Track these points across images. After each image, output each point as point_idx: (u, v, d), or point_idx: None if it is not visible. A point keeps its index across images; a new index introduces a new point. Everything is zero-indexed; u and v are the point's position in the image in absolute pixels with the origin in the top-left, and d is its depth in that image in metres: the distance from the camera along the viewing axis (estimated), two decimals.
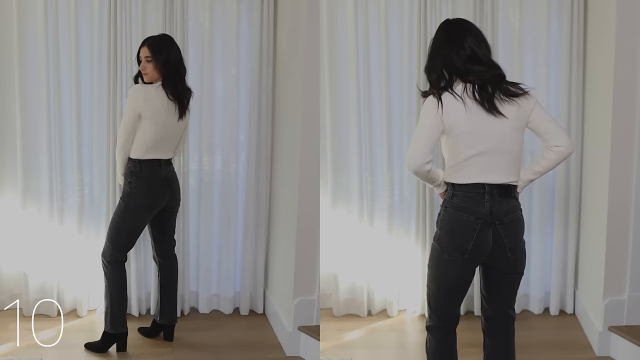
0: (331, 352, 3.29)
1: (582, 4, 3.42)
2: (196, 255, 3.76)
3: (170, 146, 3.14)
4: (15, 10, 3.36)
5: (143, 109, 2.95)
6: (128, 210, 3.07)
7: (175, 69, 3.02)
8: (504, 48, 3.49)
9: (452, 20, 2.34)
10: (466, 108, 2.18)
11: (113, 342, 3.19)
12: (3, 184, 3.58)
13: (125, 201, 3.07)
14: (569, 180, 3.56)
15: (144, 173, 3.05)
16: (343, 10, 3.51)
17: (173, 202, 3.24)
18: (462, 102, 2.18)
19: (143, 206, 3.09)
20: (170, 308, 3.30)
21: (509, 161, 2.23)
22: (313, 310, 3.23)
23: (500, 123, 2.19)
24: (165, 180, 3.13)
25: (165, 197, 3.15)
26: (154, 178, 3.08)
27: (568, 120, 3.50)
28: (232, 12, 3.55)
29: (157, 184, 3.10)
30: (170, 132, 3.07)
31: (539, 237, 3.64)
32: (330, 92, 3.54)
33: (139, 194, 3.06)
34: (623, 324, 3.20)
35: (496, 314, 2.40)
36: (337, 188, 3.64)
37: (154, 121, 2.98)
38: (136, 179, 3.05)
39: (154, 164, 3.07)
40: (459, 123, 2.18)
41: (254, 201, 3.69)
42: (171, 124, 3.05)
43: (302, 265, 3.19)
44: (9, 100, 3.49)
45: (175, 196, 3.22)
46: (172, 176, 3.19)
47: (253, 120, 3.64)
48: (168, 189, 3.15)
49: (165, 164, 3.13)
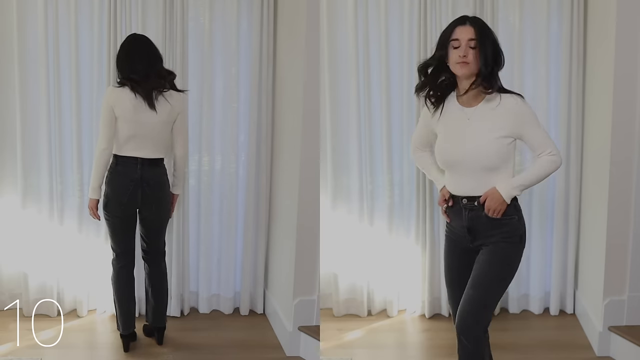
0: (331, 352, 3.29)
1: (582, 4, 3.42)
2: (196, 255, 3.75)
3: (150, 145, 3.03)
4: (15, 10, 3.36)
5: (114, 108, 2.96)
6: (103, 207, 3.08)
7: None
8: (504, 48, 3.41)
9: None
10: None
11: (124, 342, 3.23)
12: (3, 184, 3.58)
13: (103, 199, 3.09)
14: (569, 181, 3.56)
15: (117, 169, 3.03)
16: (343, 10, 3.51)
17: (149, 211, 3.11)
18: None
19: (111, 202, 3.05)
20: (154, 310, 3.28)
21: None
22: (313, 310, 3.22)
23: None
24: (139, 180, 3.03)
25: (135, 198, 3.04)
26: (124, 175, 3.02)
27: (568, 120, 3.50)
28: (232, 12, 3.55)
29: (126, 182, 3.02)
30: (144, 129, 2.99)
31: (539, 237, 3.65)
32: (330, 92, 3.54)
33: (107, 189, 3.05)
34: (623, 324, 3.19)
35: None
36: (337, 188, 3.64)
37: (124, 118, 2.97)
38: (110, 174, 3.04)
39: (129, 162, 3.02)
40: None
41: (254, 201, 3.69)
42: (143, 121, 2.98)
43: (302, 265, 3.19)
44: (9, 100, 3.49)
45: (148, 201, 3.06)
46: (149, 177, 3.05)
47: (253, 120, 3.63)
48: (139, 189, 3.03)
49: (146, 164, 3.03)
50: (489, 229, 2.32)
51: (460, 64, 2.26)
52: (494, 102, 2.30)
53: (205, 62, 3.56)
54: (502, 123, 2.28)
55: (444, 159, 2.37)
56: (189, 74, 3.54)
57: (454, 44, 2.27)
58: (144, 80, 2.96)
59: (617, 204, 3.13)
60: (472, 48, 2.26)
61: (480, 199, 2.31)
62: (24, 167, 3.49)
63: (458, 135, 2.32)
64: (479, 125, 2.30)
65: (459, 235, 2.40)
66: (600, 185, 3.22)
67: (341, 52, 3.54)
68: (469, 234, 2.36)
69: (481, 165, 2.29)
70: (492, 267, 2.31)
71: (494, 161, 2.28)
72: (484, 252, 2.33)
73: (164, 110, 3.02)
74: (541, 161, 2.30)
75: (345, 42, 3.52)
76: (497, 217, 2.30)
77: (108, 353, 3.27)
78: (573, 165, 3.53)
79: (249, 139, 3.66)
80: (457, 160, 2.33)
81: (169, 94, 3.04)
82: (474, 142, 2.28)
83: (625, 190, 3.12)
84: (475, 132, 2.29)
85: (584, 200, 3.54)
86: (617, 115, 3.07)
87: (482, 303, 2.30)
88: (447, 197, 2.41)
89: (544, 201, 3.62)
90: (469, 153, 2.29)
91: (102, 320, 3.60)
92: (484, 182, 2.30)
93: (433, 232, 3.57)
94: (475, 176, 2.31)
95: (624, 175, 3.11)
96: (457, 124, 2.34)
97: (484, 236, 2.33)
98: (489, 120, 2.29)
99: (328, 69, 3.52)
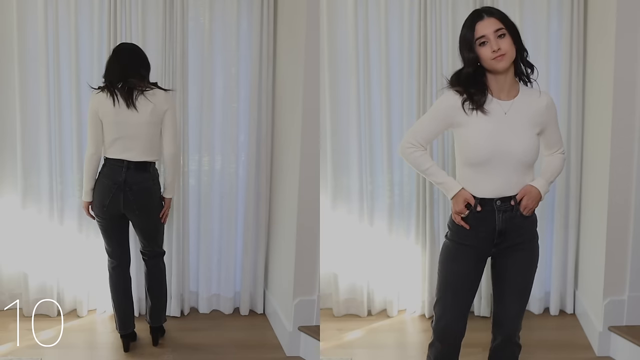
0: (331, 352, 3.29)
1: (582, 4, 3.42)
2: (196, 255, 3.76)
3: (137, 147, 2.99)
4: (15, 10, 3.36)
5: (98, 112, 2.97)
6: (92, 208, 3.10)
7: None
8: None
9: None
10: None
11: (123, 342, 3.25)
12: (3, 184, 3.58)
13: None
14: (569, 180, 3.56)
15: (104, 171, 3.03)
16: (343, 10, 3.51)
17: (134, 217, 3.07)
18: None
19: (95, 203, 3.06)
20: (151, 309, 3.28)
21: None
22: (313, 310, 3.23)
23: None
24: (122, 183, 2.99)
25: (117, 202, 3.01)
26: (108, 177, 3.01)
27: (568, 120, 3.50)
28: (232, 12, 3.55)
29: (109, 184, 3.00)
30: (129, 130, 2.97)
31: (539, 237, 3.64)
32: (330, 92, 3.54)
33: (94, 190, 3.05)
34: (623, 324, 3.19)
35: None
36: (337, 188, 3.64)
37: (108, 121, 2.97)
38: (98, 175, 3.05)
39: (116, 164, 3.01)
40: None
41: (254, 201, 3.69)
42: (126, 122, 2.96)
43: (302, 265, 3.19)
44: (9, 100, 3.49)
45: (130, 207, 3.02)
46: (133, 182, 3.00)
47: (253, 120, 3.63)
48: (122, 193, 3.00)
49: (132, 167, 3.00)
50: (520, 228, 2.28)
51: (497, 58, 2.15)
52: (534, 95, 2.25)
53: (205, 62, 3.56)
54: (539, 118, 2.24)
55: (478, 155, 2.20)
56: (189, 74, 3.54)
57: (480, 41, 2.17)
58: (123, 81, 2.94)
59: (617, 204, 3.12)
60: (500, 37, 2.16)
61: (517, 197, 2.24)
62: (24, 167, 3.49)
63: (496, 130, 2.19)
64: (518, 119, 2.21)
65: (483, 240, 2.28)
66: (600, 185, 3.22)
67: (341, 51, 3.54)
68: (499, 237, 2.26)
69: (521, 161, 2.21)
70: (531, 272, 2.35)
71: (532, 157, 2.23)
72: (518, 257, 2.31)
73: (147, 109, 2.97)
74: (556, 159, 2.37)
75: (345, 41, 3.52)
76: (528, 215, 2.28)
77: (108, 353, 3.27)
78: (573, 165, 3.53)
79: (249, 139, 3.66)
80: (493, 158, 2.19)
81: (152, 93, 2.99)
82: (515, 137, 2.19)
83: (625, 190, 3.12)
84: (515, 127, 2.20)
85: (584, 200, 3.54)
86: (617, 115, 3.07)
87: (525, 306, 2.41)
88: (471, 202, 2.24)
89: (544, 201, 3.55)
90: (509, 149, 2.19)
91: (102, 320, 3.60)
92: (519, 180, 2.24)
93: (433, 232, 3.57)
94: (511, 174, 2.22)
95: (624, 175, 3.11)
96: (493, 119, 2.21)
97: (514, 236, 2.28)
98: (527, 114, 2.22)
99: (328, 68, 3.52)
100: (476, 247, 2.29)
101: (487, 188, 2.23)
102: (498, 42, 2.15)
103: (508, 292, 2.34)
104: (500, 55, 2.15)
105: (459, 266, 2.32)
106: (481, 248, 2.30)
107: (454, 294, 2.33)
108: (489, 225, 2.25)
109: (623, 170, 3.11)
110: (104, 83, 3.00)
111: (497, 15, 2.19)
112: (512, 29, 2.18)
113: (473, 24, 2.18)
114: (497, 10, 2.22)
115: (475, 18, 2.19)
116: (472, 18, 2.21)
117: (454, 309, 2.35)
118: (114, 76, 2.97)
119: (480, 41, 2.17)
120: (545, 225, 3.64)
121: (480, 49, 2.17)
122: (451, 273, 2.33)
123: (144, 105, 2.97)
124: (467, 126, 2.22)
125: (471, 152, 2.22)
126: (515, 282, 2.33)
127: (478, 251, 2.30)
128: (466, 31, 2.20)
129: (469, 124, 2.22)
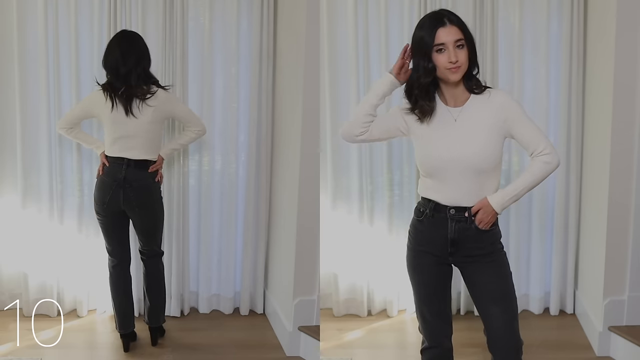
0: (331, 352, 3.29)
1: (582, 4, 3.42)
2: (196, 255, 3.76)
3: (139, 145, 3.01)
4: (15, 10, 3.36)
5: (93, 110, 3.03)
6: (94, 205, 3.14)
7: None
8: (504, 48, 3.48)
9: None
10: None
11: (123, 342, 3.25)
12: (3, 184, 3.58)
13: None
14: (569, 180, 3.56)
15: (105, 168, 3.06)
16: (343, 10, 3.51)
17: (134, 215, 3.08)
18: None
19: (95, 201, 3.09)
20: (149, 309, 3.28)
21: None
22: (313, 310, 3.23)
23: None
24: (122, 181, 3.01)
25: (117, 199, 3.03)
26: (109, 175, 3.04)
27: (568, 120, 3.50)
28: (232, 12, 3.55)
29: (109, 182, 3.02)
30: (130, 130, 2.98)
31: (539, 237, 3.64)
32: (330, 92, 3.54)
33: (95, 189, 3.10)
34: (623, 324, 3.19)
35: None
36: (337, 188, 3.64)
37: (107, 122, 3.00)
38: (100, 173, 3.09)
39: (117, 162, 3.02)
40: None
41: (254, 201, 3.69)
42: (125, 123, 2.97)
43: (302, 265, 3.19)
44: (9, 100, 3.49)
45: (130, 205, 3.04)
46: (133, 180, 3.02)
47: (253, 120, 3.63)
48: (121, 190, 3.02)
49: (132, 165, 3.02)
50: (476, 241, 2.18)
51: (452, 69, 2.07)
52: (484, 97, 2.15)
53: (205, 62, 3.56)
54: (493, 120, 2.12)
55: (430, 164, 2.17)
56: (189, 74, 3.53)
57: (438, 48, 2.07)
58: (125, 83, 2.93)
59: (617, 204, 3.12)
60: (459, 48, 2.07)
61: (472, 210, 2.16)
62: (24, 167, 3.49)
63: (446, 138, 2.15)
64: (469, 125, 2.13)
65: (438, 246, 2.22)
66: (600, 185, 3.22)
67: (341, 51, 3.54)
68: (452, 246, 2.20)
69: (473, 169, 2.12)
70: (505, 278, 2.20)
71: (487, 163, 2.12)
72: (481, 267, 2.19)
73: (147, 112, 2.98)
74: (533, 167, 2.13)
75: (345, 41, 3.52)
76: (486, 229, 2.17)
77: (108, 353, 3.27)
78: (573, 165, 3.53)
79: (249, 139, 3.66)
80: (445, 166, 2.14)
81: (152, 97, 2.98)
82: (466, 144, 2.12)
83: (625, 190, 3.12)
84: (465, 133, 2.13)
85: (584, 200, 3.54)
86: (617, 115, 3.07)
87: (515, 316, 2.21)
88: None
89: (544, 201, 3.61)
90: (460, 157, 2.12)
91: (102, 320, 3.60)
92: (475, 189, 2.15)
93: None
94: (466, 182, 2.14)
95: (624, 175, 3.11)
96: (443, 126, 2.16)
97: (469, 248, 2.19)
98: (478, 118, 2.13)
99: (328, 68, 3.52)
100: (433, 253, 2.24)
101: (440, 196, 2.19)
102: (457, 53, 2.07)
103: (485, 300, 2.21)
104: (456, 67, 2.07)
105: (420, 276, 2.29)
106: (437, 254, 2.24)
107: (426, 302, 2.30)
108: (442, 232, 2.20)
109: (623, 170, 3.11)
110: (106, 76, 3.01)
111: (458, 23, 2.09)
112: (470, 41, 2.12)
113: (434, 29, 2.08)
114: (457, 18, 2.11)
115: (437, 23, 2.08)
116: (433, 22, 2.10)
117: (432, 314, 2.31)
118: (113, 70, 2.95)
119: (437, 47, 2.08)
120: (545, 225, 3.64)
121: (437, 56, 2.08)
122: (415, 283, 2.31)
123: (144, 109, 2.98)
124: (416, 137, 2.22)
125: (421, 161, 2.21)
126: (488, 290, 2.20)
127: (436, 256, 2.24)
128: (425, 35, 2.09)
129: (421, 134, 2.20)
